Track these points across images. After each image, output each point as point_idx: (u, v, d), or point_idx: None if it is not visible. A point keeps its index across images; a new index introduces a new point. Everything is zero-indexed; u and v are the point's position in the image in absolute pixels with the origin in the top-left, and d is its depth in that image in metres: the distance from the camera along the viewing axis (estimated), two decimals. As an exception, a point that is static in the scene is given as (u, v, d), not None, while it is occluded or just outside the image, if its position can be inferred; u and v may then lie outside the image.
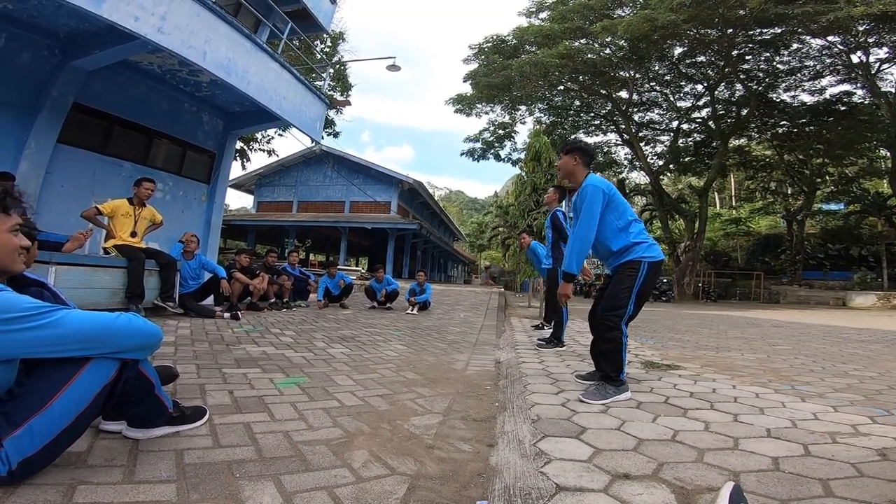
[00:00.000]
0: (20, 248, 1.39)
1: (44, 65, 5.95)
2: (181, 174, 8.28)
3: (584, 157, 2.85)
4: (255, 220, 25.50)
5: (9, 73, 5.70)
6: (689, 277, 23.27)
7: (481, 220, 51.98)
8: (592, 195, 2.63)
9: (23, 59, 5.81)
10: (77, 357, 1.30)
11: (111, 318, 1.35)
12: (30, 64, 5.86)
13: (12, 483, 1.22)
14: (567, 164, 2.88)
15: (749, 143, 27.31)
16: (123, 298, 4.83)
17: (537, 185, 14.77)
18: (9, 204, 1.35)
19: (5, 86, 5.69)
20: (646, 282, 2.61)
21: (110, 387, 1.37)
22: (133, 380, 1.44)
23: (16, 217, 1.38)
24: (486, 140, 26.76)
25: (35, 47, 5.88)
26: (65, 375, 1.28)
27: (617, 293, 2.62)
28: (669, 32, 17.27)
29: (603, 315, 2.63)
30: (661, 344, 5.16)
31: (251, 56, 6.86)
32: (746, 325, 8.57)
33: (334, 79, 20.65)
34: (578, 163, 2.84)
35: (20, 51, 5.77)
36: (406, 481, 1.46)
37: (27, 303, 1.21)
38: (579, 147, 2.90)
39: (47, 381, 1.27)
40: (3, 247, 1.35)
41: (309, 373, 2.91)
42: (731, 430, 1.99)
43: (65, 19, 5.55)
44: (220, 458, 1.53)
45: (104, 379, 1.35)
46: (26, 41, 5.79)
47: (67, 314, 1.26)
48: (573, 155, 2.86)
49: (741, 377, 3.23)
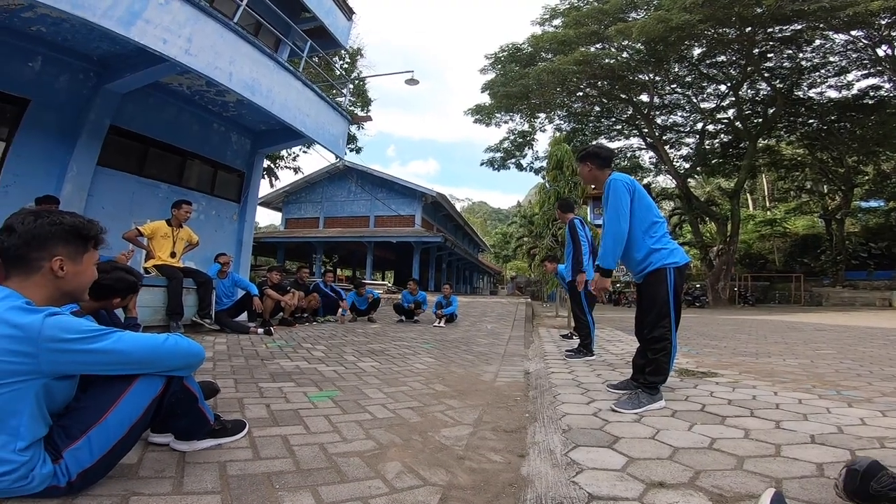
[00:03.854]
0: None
1: (80, 88, 6.20)
2: (213, 194, 8.55)
3: (598, 161, 2.84)
4: (284, 237, 26.13)
5: (49, 97, 5.94)
6: (724, 282, 22.52)
7: (505, 230, 51.87)
8: (615, 188, 2.61)
9: (60, 83, 6.05)
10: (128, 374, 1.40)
11: (160, 341, 1.43)
12: (67, 87, 6.10)
13: (71, 494, 1.30)
14: (584, 171, 2.89)
15: (778, 143, 26.42)
16: (164, 316, 5.04)
17: (561, 194, 14.69)
18: (101, 240, 1.47)
19: (47, 109, 5.93)
20: (676, 286, 2.58)
21: (158, 399, 1.45)
22: (178, 393, 1.52)
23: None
24: (507, 149, 26.77)
25: (70, 70, 6.13)
26: (118, 390, 1.37)
27: (656, 305, 2.58)
28: (686, 33, 17.02)
29: (652, 328, 2.58)
30: (695, 351, 5.02)
31: (274, 75, 7.07)
32: (787, 330, 8.24)
33: (354, 94, 21.10)
34: (594, 168, 2.83)
35: (57, 74, 6.02)
36: (438, 492, 1.48)
37: (87, 325, 1.30)
38: (590, 153, 2.88)
39: (102, 395, 1.36)
40: (89, 278, 1.46)
41: (341, 386, 2.97)
42: (772, 436, 1.93)
43: (97, 42, 5.77)
44: (260, 469, 1.59)
45: (153, 392, 1.43)
46: (62, 64, 6.03)
47: (122, 336, 1.35)
48: (586, 162, 2.87)
49: (783, 383, 3.12)
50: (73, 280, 1.38)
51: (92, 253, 1.45)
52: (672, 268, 2.58)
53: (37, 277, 1.32)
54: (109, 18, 4.71)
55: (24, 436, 1.21)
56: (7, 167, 5.55)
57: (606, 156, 2.88)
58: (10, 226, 1.31)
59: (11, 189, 5.50)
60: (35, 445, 1.24)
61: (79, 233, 1.38)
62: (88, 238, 1.41)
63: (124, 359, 1.34)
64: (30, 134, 5.76)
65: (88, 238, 1.41)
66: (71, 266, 1.36)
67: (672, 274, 2.57)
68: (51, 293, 1.34)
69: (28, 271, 1.31)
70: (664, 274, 2.56)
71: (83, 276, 1.42)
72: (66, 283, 1.36)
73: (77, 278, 1.39)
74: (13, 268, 1.31)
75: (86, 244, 1.41)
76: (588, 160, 2.85)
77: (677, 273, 2.59)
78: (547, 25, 22.06)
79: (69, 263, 1.35)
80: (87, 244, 1.42)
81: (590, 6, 19.94)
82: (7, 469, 1.19)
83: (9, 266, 1.31)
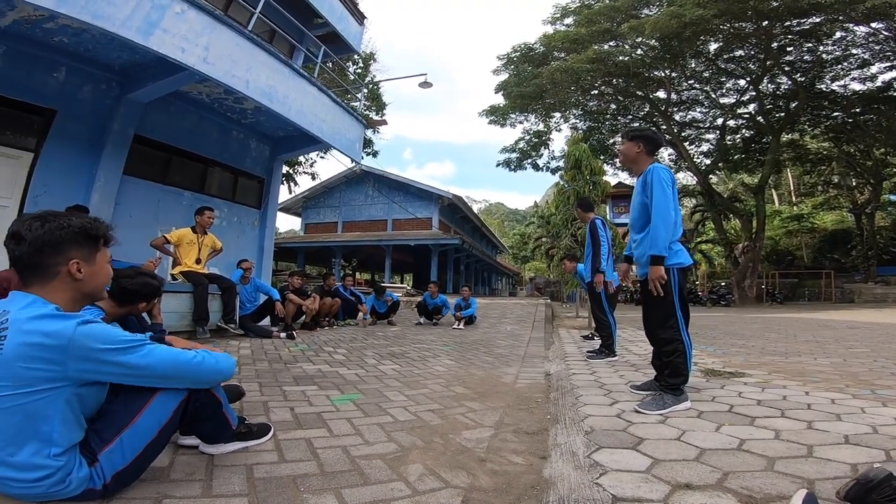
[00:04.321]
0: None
1: (104, 98, 6.36)
2: (234, 201, 8.73)
3: (649, 146, 2.73)
4: (303, 241, 26.48)
5: (74, 108, 6.10)
6: (751, 279, 21.93)
7: (523, 231, 51.58)
8: (662, 177, 2.52)
9: (84, 93, 6.20)
10: None
11: (188, 357, 1.46)
12: (91, 98, 6.27)
13: (106, 496, 1.34)
14: (630, 150, 2.74)
15: (802, 137, 25.62)
16: (191, 321, 5.15)
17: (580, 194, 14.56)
18: (109, 238, 1.49)
19: (73, 120, 6.09)
20: (680, 286, 2.55)
21: (185, 402, 1.49)
22: (203, 398, 1.56)
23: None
24: (522, 149, 26.60)
25: (94, 81, 6.28)
26: (147, 394, 1.41)
27: (660, 306, 2.53)
28: (700, 28, 16.63)
29: (659, 329, 2.54)
30: (722, 351, 4.91)
31: (290, 81, 7.18)
32: (818, 328, 7.99)
33: (369, 98, 21.29)
34: (642, 150, 2.71)
35: (81, 84, 6.17)
36: (460, 494, 1.49)
37: (122, 335, 1.34)
38: (645, 135, 2.77)
39: (132, 399, 1.40)
40: (105, 277, 1.48)
41: (362, 389, 3.00)
42: (804, 437, 1.88)
43: (117, 52, 5.92)
44: (285, 472, 1.61)
45: (181, 395, 1.48)
46: (86, 75, 6.19)
47: (154, 349, 1.38)
48: (637, 142, 2.73)
49: (815, 383, 3.03)
50: (91, 281, 1.40)
51: (104, 252, 1.46)
52: (676, 268, 2.53)
53: (55, 283, 1.32)
54: (128, 28, 4.84)
55: (59, 441, 1.24)
56: (36, 177, 5.74)
57: (657, 143, 2.80)
58: (16, 233, 1.29)
59: (41, 199, 5.69)
60: (70, 450, 1.27)
61: (88, 233, 1.39)
62: (98, 237, 1.43)
63: (151, 372, 1.37)
64: (57, 145, 5.94)
65: (98, 237, 1.43)
66: (87, 267, 1.37)
67: (676, 275, 2.53)
68: (72, 296, 1.36)
69: (46, 278, 1.31)
70: (668, 273, 2.50)
71: (99, 276, 1.44)
72: (85, 285, 1.38)
73: (94, 279, 1.41)
74: (30, 276, 1.31)
75: (97, 243, 1.42)
76: (641, 140, 2.72)
77: (681, 274, 2.55)
78: (558, 24, 21.87)
79: (85, 265, 1.36)
80: (98, 243, 1.43)
81: (601, 4, 19.69)
82: (43, 474, 1.22)
83: (25, 274, 1.31)
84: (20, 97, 5.61)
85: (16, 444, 1.21)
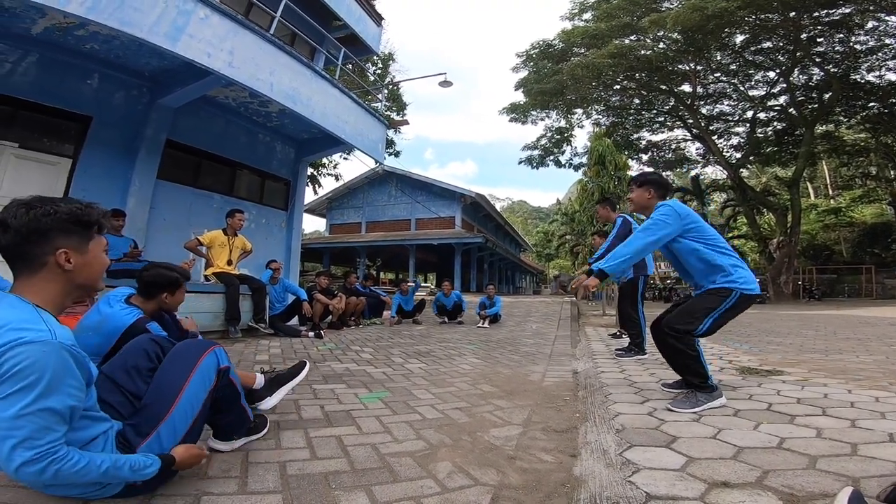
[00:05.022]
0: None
1: (135, 104, 6.56)
2: (262, 203, 8.92)
3: (660, 190, 2.68)
4: (328, 242, 26.88)
5: (108, 114, 6.30)
6: (787, 275, 21.14)
7: (546, 228, 51.06)
8: (660, 213, 2.47)
9: (117, 99, 6.41)
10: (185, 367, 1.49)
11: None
12: (124, 104, 6.47)
13: (147, 491, 1.37)
14: (641, 196, 2.70)
15: (838, 128, 24.49)
16: (223, 322, 5.30)
17: (604, 190, 14.34)
18: (104, 225, 1.38)
19: (108, 126, 6.29)
20: (729, 310, 2.40)
21: (213, 391, 1.53)
22: (226, 388, 1.60)
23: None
24: (544, 146, 26.34)
25: (126, 87, 6.49)
26: (177, 386, 1.44)
27: (694, 309, 2.43)
28: (725, 21, 16.10)
29: (668, 325, 2.44)
30: (758, 349, 4.75)
31: (312, 84, 7.29)
32: (859, 325, 7.65)
33: (389, 99, 21.42)
34: (653, 195, 2.67)
35: (114, 91, 6.38)
36: (490, 491, 1.48)
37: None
38: (654, 180, 2.71)
39: (164, 392, 1.44)
40: (100, 267, 1.36)
41: (390, 387, 3.02)
42: (847, 435, 1.81)
43: (146, 58, 6.09)
44: (317, 469, 1.64)
45: (209, 384, 1.51)
46: (118, 81, 6.39)
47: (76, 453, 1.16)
48: (647, 187, 2.69)
49: (857, 381, 2.90)
50: (84, 271, 1.28)
51: (98, 240, 1.34)
52: (742, 292, 2.40)
53: (43, 273, 1.22)
54: (156, 34, 4.99)
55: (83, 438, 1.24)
56: (76, 183, 5.97)
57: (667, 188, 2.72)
58: (2, 221, 1.18)
59: (80, 205, 5.94)
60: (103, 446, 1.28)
61: (79, 220, 1.27)
62: (90, 224, 1.30)
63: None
64: (94, 150, 6.15)
65: (90, 224, 1.30)
66: (78, 257, 1.26)
67: (737, 297, 2.40)
68: (62, 288, 1.26)
69: (33, 268, 1.21)
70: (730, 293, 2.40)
71: (93, 266, 1.32)
72: (76, 276, 1.27)
73: (86, 269, 1.29)
74: (16, 266, 1.22)
75: (89, 231, 1.30)
76: (650, 185, 2.68)
77: (742, 299, 2.42)
78: (577, 20, 21.53)
79: (75, 255, 1.25)
80: (90, 230, 1.31)
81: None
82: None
83: (13, 265, 1.22)
84: (57, 104, 5.84)
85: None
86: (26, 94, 5.57)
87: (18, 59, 5.50)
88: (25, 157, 5.64)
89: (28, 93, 5.58)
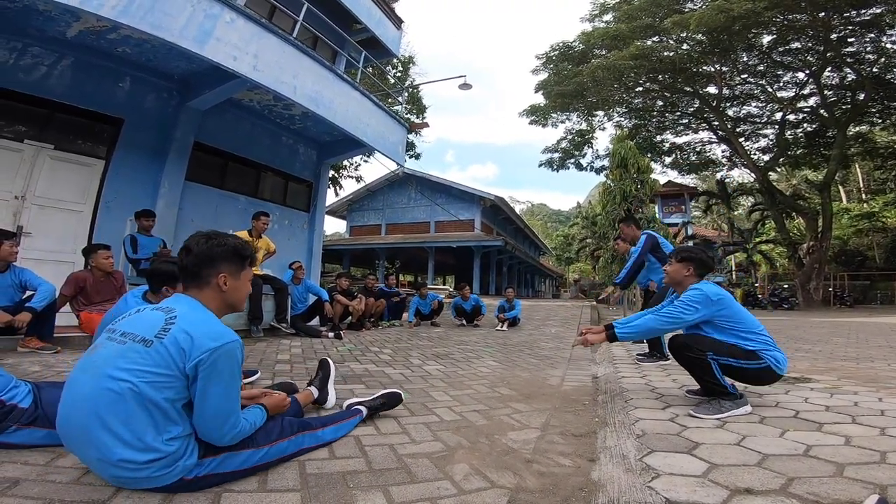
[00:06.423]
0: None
1: (165, 107, 6.71)
2: (285, 204, 9.04)
3: (700, 269, 2.58)
4: (349, 244, 27.14)
5: (139, 117, 6.45)
6: (817, 281, 20.40)
7: (567, 232, 50.59)
8: (696, 298, 2.40)
9: (148, 102, 6.56)
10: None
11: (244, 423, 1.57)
12: (154, 106, 6.62)
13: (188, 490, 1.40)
14: (678, 272, 2.60)
15: (872, 129, 23.53)
16: (246, 321, 5.42)
17: (627, 193, 14.10)
18: (255, 259, 1.73)
19: (138, 129, 6.43)
20: (745, 371, 2.34)
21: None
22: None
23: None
24: (565, 149, 26.03)
25: (156, 90, 6.65)
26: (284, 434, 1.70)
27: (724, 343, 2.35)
28: (751, 21, 15.57)
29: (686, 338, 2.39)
30: (786, 356, 4.61)
31: (334, 87, 7.37)
32: (892, 333, 7.37)
33: (409, 102, 21.52)
34: (692, 273, 2.57)
35: (145, 94, 6.53)
36: (506, 494, 1.48)
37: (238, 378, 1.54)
38: (698, 258, 2.60)
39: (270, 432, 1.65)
40: (245, 292, 1.70)
41: (408, 389, 3.03)
42: (877, 443, 1.75)
43: (176, 61, 6.24)
44: (335, 469, 1.66)
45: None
46: (148, 84, 6.55)
47: (244, 410, 1.61)
48: (687, 264, 2.58)
49: (888, 389, 2.80)
50: (234, 293, 1.63)
51: (248, 270, 1.68)
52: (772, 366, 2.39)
53: (207, 291, 1.57)
54: (185, 38, 5.13)
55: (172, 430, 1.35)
56: (108, 184, 6.14)
57: (709, 267, 2.63)
58: (187, 247, 1.58)
59: (112, 205, 6.11)
60: (185, 438, 1.37)
61: (238, 253, 1.63)
62: (246, 257, 1.66)
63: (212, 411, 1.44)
64: (126, 153, 6.31)
65: (246, 257, 1.66)
66: (232, 281, 1.61)
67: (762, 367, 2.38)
68: (219, 304, 1.59)
69: (201, 285, 1.57)
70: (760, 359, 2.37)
71: (241, 290, 1.66)
72: (229, 296, 1.61)
73: (236, 292, 1.64)
74: (190, 282, 1.57)
75: (244, 262, 1.65)
76: (690, 263, 2.58)
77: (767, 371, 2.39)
78: (597, 21, 21.24)
79: (231, 279, 1.60)
80: (245, 262, 1.66)
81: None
82: (154, 457, 1.30)
83: (187, 281, 1.58)
84: (91, 107, 6.01)
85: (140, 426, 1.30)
86: (61, 97, 5.74)
87: (54, 62, 5.68)
88: (60, 159, 5.81)
89: (63, 95, 5.75)
